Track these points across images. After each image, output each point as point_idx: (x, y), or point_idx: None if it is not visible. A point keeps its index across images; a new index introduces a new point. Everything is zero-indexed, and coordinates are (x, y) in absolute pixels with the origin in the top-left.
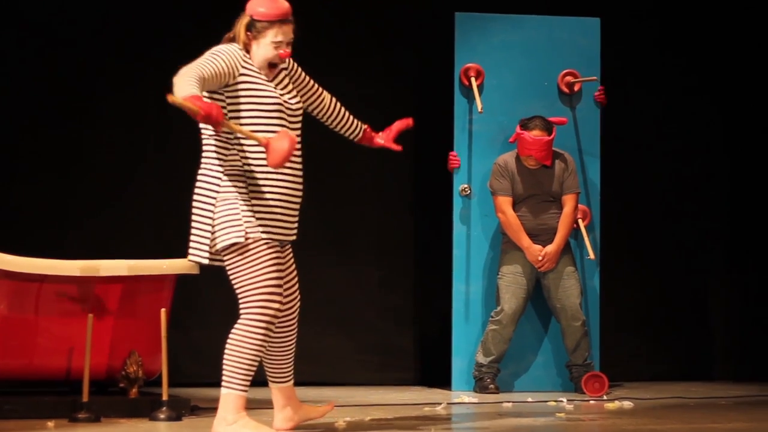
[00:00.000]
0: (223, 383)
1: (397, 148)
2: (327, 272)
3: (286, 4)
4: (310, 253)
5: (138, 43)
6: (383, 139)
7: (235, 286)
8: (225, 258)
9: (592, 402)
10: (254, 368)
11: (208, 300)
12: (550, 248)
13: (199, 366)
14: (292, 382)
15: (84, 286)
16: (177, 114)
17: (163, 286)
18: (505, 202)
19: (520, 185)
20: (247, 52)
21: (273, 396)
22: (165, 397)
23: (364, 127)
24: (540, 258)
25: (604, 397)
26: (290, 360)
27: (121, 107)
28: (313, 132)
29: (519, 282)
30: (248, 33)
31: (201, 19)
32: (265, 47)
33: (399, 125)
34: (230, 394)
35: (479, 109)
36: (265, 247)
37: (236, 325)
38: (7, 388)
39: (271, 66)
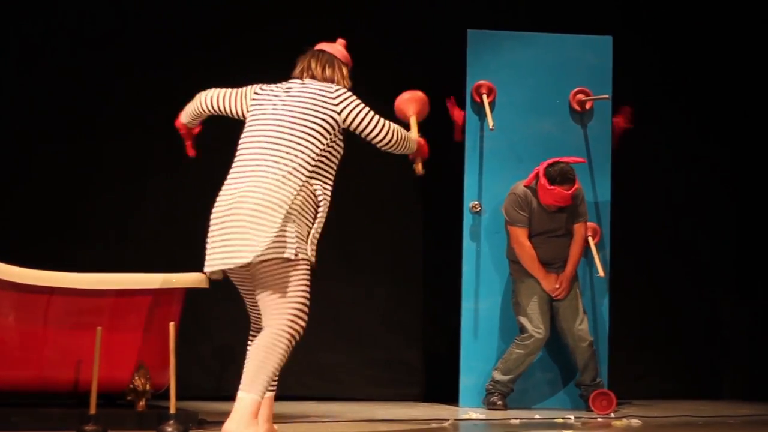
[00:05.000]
0: (241, 387)
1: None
2: (336, 287)
3: None
4: (318, 269)
5: (147, 56)
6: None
7: (268, 298)
8: (266, 268)
9: (599, 419)
10: (274, 378)
11: (216, 314)
12: (564, 275)
13: (207, 380)
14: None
15: (93, 299)
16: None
17: (172, 299)
18: (522, 234)
19: (537, 222)
20: None
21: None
22: (173, 411)
23: None
24: (556, 287)
25: (612, 415)
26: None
27: (131, 121)
28: None
29: (542, 309)
30: None
31: (208, 34)
32: None
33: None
34: (248, 398)
35: (491, 126)
36: (307, 267)
37: (264, 334)
38: (15, 400)
39: None
